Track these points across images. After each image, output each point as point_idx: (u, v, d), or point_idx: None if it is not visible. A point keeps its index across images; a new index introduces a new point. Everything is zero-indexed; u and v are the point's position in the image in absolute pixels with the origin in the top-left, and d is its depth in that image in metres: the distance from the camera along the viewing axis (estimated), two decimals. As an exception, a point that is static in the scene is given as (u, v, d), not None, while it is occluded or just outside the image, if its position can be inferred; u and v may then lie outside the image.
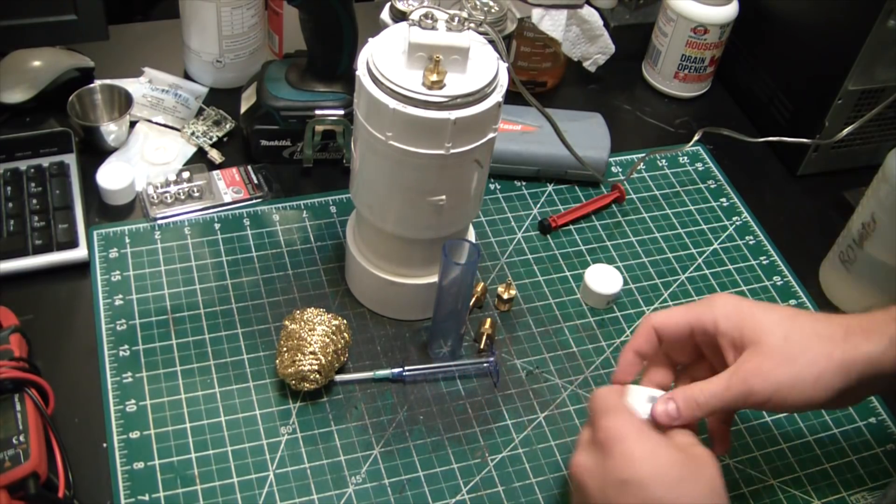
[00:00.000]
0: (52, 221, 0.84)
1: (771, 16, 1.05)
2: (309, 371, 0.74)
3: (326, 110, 0.91)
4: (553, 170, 0.97)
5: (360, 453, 0.74)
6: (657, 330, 0.68)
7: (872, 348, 0.63)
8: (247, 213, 0.90)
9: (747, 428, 0.80)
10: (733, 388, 0.63)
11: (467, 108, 0.68)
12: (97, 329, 0.79)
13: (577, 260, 0.91)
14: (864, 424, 0.82)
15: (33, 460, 0.64)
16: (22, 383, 0.68)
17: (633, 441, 0.61)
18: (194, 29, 0.99)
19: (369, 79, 0.69)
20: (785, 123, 1.03)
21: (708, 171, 1.02)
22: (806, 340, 0.64)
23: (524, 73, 1.06)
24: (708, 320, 0.67)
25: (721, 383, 0.64)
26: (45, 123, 0.96)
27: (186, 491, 0.70)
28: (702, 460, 0.61)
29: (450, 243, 0.74)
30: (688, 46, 1.06)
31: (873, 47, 0.91)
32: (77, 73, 0.99)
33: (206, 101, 1.01)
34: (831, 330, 0.64)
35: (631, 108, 1.10)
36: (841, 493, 0.76)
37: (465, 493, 0.73)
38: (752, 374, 0.63)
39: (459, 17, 0.69)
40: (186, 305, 0.82)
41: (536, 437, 0.77)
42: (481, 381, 0.80)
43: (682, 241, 0.94)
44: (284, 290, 0.84)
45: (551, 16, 0.98)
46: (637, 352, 0.69)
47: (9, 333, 0.72)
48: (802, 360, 0.63)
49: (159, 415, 0.74)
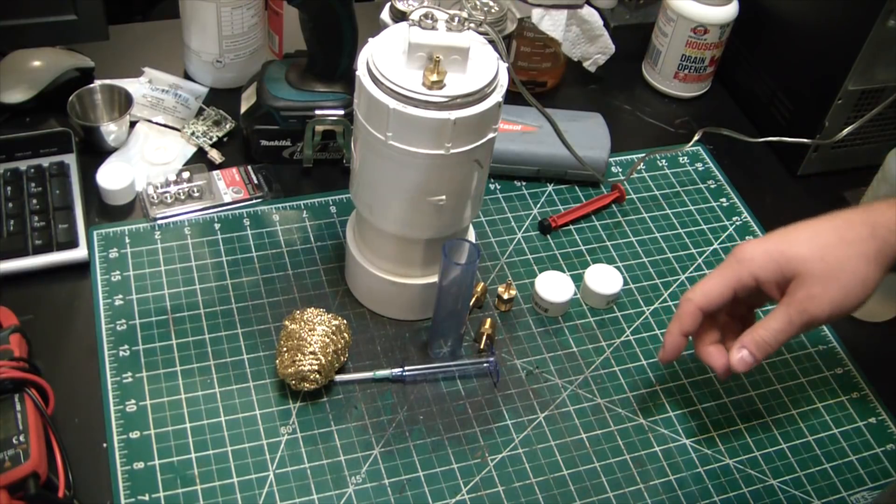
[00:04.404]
0: (52, 221, 0.84)
1: (771, 16, 1.05)
2: (309, 371, 0.74)
3: (326, 110, 0.91)
4: (553, 170, 0.97)
5: (360, 453, 0.74)
6: (703, 309, 0.72)
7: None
8: (247, 213, 0.90)
9: (747, 428, 0.80)
10: (795, 320, 0.69)
11: (467, 108, 0.68)
12: (97, 329, 0.79)
13: (577, 260, 0.91)
14: (864, 424, 0.82)
15: (33, 460, 0.64)
16: (22, 383, 0.68)
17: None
18: (194, 29, 0.99)
19: (369, 79, 0.69)
20: (785, 123, 1.03)
21: (708, 172, 1.02)
22: (840, 253, 0.69)
23: (524, 73, 1.06)
24: (746, 278, 0.71)
25: (783, 318, 0.69)
26: (45, 123, 0.96)
27: (186, 491, 0.70)
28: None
29: (450, 243, 0.74)
30: (688, 46, 1.06)
31: (873, 47, 0.91)
32: (77, 73, 0.99)
33: (206, 101, 1.01)
34: (856, 232, 0.70)
35: (631, 108, 1.10)
36: (841, 493, 0.77)
37: (465, 493, 0.73)
38: (806, 302, 0.68)
39: (459, 17, 0.69)
40: (186, 305, 0.82)
41: (536, 437, 0.77)
42: (481, 381, 0.80)
43: (682, 241, 0.94)
44: (284, 290, 0.84)
45: (551, 16, 0.98)
46: (685, 333, 0.73)
47: (9, 333, 0.72)
48: (844, 274, 0.68)
49: (159, 415, 0.74)
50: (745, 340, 0.70)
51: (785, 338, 0.69)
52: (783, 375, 0.84)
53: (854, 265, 0.68)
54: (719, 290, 0.72)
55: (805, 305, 0.68)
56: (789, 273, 0.69)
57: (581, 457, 0.76)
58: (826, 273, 0.68)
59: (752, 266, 0.71)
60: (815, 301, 0.68)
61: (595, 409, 0.80)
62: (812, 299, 0.68)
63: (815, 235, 0.70)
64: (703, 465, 0.77)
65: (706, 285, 0.72)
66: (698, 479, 0.76)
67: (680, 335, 0.73)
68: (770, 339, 0.69)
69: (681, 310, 0.73)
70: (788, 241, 0.71)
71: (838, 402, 0.83)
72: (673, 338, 0.73)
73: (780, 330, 0.69)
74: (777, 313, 0.70)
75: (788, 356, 0.86)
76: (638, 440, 0.78)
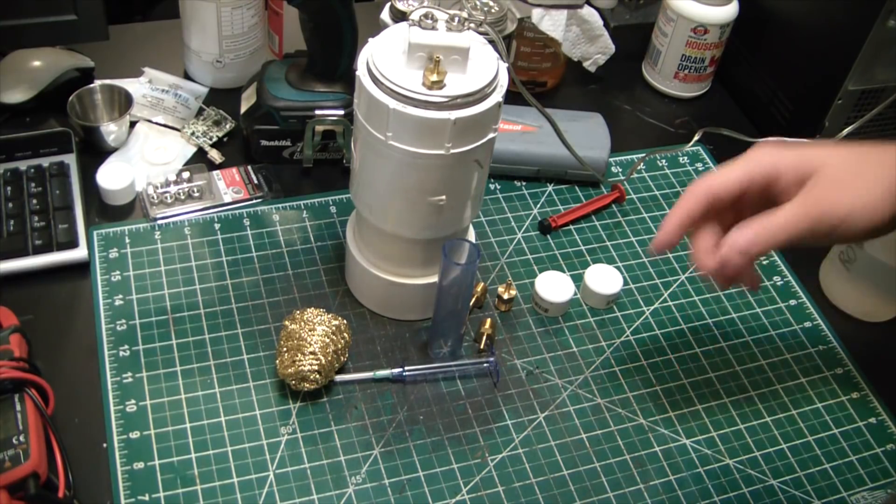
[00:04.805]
0: (52, 221, 0.84)
1: (771, 16, 1.05)
2: (309, 371, 0.74)
3: (326, 110, 0.91)
4: (553, 170, 0.97)
5: (360, 453, 0.74)
6: (713, 194, 0.66)
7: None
8: (247, 213, 0.90)
9: (747, 428, 0.80)
10: (810, 211, 0.62)
11: (467, 108, 0.68)
12: (97, 329, 0.79)
13: (577, 260, 0.91)
14: (864, 424, 0.82)
15: (33, 460, 0.64)
16: (22, 383, 0.68)
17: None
18: (194, 29, 0.99)
19: (369, 79, 0.69)
20: (785, 123, 1.03)
21: (708, 172, 1.02)
22: (862, 165, 0.64)
23: (524, 73, 1.06)
24: (767, 165, 0.65)
25: (796, 209, 0.63)
26: (45, 123, 0.96)
27: (186, 491, 0.70)
28: None
29: (450, 243, 0.74)
30: (688, 46, 1.06)
31: (873, 47, 0.91)
32: (77, 73, 0.99)
33: (206, 101, 1.01)
34: (880, 155, 0.64)
35: (631, 108, 1.10)
36: (841, 493, 0.76)
37: (465, 493, 0.73)
38: (822, 198, 0.62)
39: (459, 17, 0.69)
40: (186, 305, 0.82)
41: (536, 437, 0.77)
42: (481, 381, 0.80)
43: (682, 241, 0.94)
44: (284, 290, 0.84)
45: (551, 16, 0.98)
46: (689, 217, 0.67)
47: (9, 333, 0.72)
48: (864, 182, 0.63)
49: (159, 415, 0.74)
50: (752, 222, 0.63)
51: (794, 231, 0.62)
52: (783, 375, 0.84)
53: (875, 179, 0.63)
54: (737, 177, 0.66)
55: (820, 201, 0.62)
56: (808, 168, 0.63)
57: (581, 457, 0.76)
58: (845, 174, 0.63)
59: (771, 155, 0.65)
60: (829, 200, 0.62)
61: (595, 409, 0.80)
62: (827, 199, 0.62)
63: (840, 146, 0.66)
64: (703, 465, 0.77)
65: (721, 173, 0.66)
66: (698, 479, 0.76)
67: (680, 218, 0.66)
68: (779, 223, 0.63)
69: (687, 192, 0.67)
70: (810, 145, 0.66)
71: (838, 402, 0.83)
72: (673, 220, 0.67)
73: (790, 220, 0.62)
74: (790, 204, 0.63)
75: (788, 356, 0.86)
76: (638, 440, 0.78)
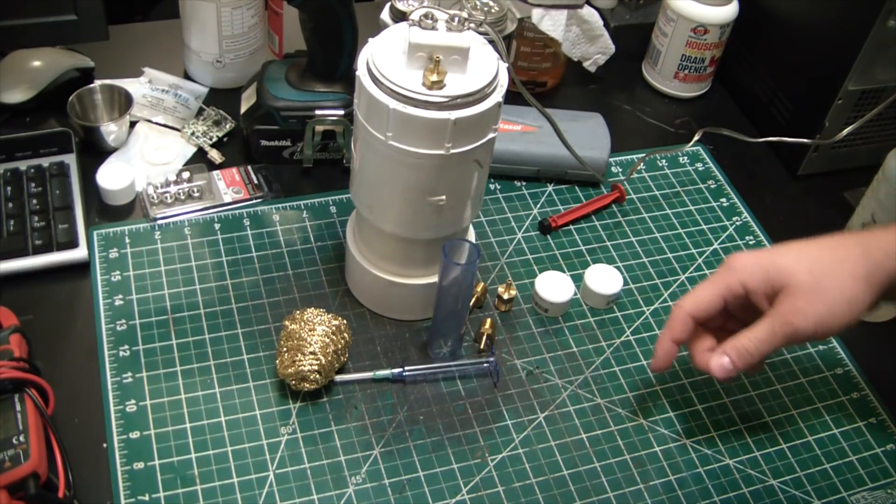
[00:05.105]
0: (52, 221, 0.84)
1: (771, 16, 1.05)
2: (309, 371, 0.74)
3: (326, 110, 0.91)
4: (553, 170, 0.97)
5: (360, 453, 0.74)
6: (693, 316, 0.72)
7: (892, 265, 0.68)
8: (247, 214, 0.90)
9: (747, 428, 0.80)
10: (778, 331, 0.68)
11: (467, 108, 0.68)
12: (97, 329, 0.79)
13: (577, 260, 0.91)
14: (864, 424, 0.82)
15: (33, 460, 0.64)
16: (22, 383, 0.68)
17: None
18: (194, 29, 0.99)
19: (369, 79, 0.69)
20: (785, 123, 1.03)
21: (708, 172, 1.02)
22: (829, 269, 0.68)
23: (524, 73, 1.06)
24: (735, 285, 0.71)
25: (766, 328, 0.69)
26: (45, 123, 0.96)
27: (186, 491, 0.70)
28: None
29: (450, 243, 0.74)
30: (688, 46, 1.06)
31: (873, 47, 0.91)
32: (77, 73, 0.99)
33: (206, 101, 1.01)
34: (848, 251, 0.69)
35: (631, 108, 1.10)
36: (841, 493, 0.76)
37: (465, 493, 0.73)
38: (791, 314, 0.68)
39: (459, 17, 0.69)
40: (186, 305, 0.82)
41: (536, 437, 0.77)
42: (481, 381, 0.80)
43: (682, 241, 0.94)
44: (284, 290, 0.84)
45: (551, 16, 0.98)
46: (676, 341, 0.73)
47: (9, 333, 0.72)
48: (832, 290, 0.68)
49: (159, 415, 0.74)
50: (727, 347, 0.70)
51: (767, 348, 0.69)
52: (783, 375, 0.84)
53: (842, 283, 0.68)
54: (709, 298, 0.72)
55: (789, 318, 0.68)
56: (777, 284, 0.69)
57: (581, 457, 0.76)
58: (812, 287, 0.68)
59: (741, 274, 0.71)
60: (799, 314, 0.68)
61: (595, 409, 0.80)
62: (797, 312, 0.68)
63: (807, 251, 0.70)
64: (703, 465, 0.77)
65: (696, 293, 0.73)
66: (698, 479, 0.76)
67: (670, 342, 0.73)
68: (751, 348, 0.69)
69: (671, 317, 0.73)
70: (779, 253, 0.71)
71: (838, 402, 0.83)
72: (664, 345, 0.73)
73: (763, 339, 0.68)
74: (761, 323, 0.69)
75: (788, 356, 0.86)
76: (638, 440, 0.78)
